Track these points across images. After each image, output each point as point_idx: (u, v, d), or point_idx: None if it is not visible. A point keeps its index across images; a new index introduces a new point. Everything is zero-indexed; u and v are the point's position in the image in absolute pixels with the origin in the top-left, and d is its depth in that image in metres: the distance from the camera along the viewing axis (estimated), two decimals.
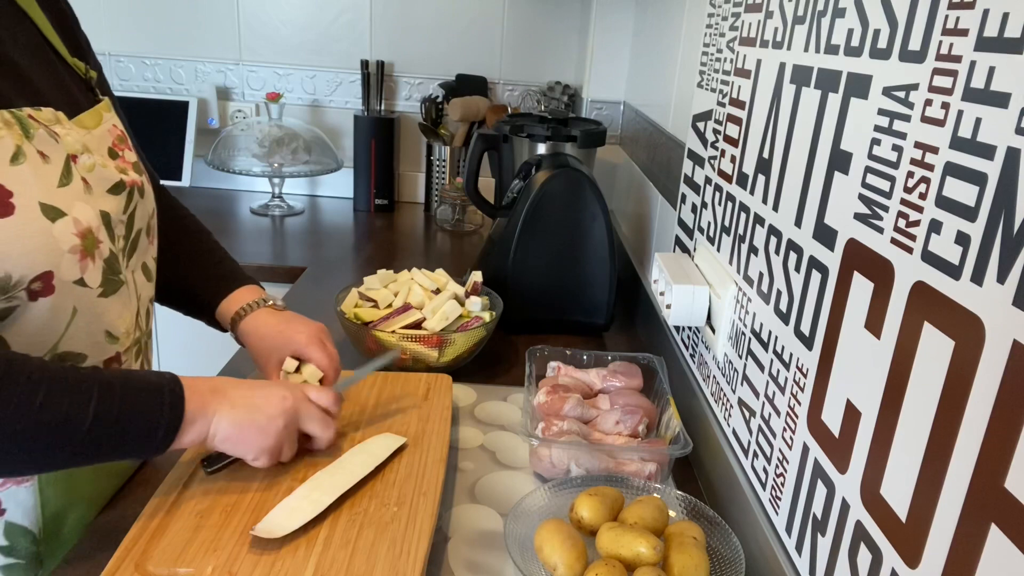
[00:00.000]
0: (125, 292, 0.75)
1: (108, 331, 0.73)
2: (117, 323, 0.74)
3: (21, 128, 0.64)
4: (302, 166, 2.03)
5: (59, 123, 0.69)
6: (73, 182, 0.67)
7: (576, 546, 0.68)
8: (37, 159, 0.64)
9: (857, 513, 0.55)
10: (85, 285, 0.69)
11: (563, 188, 1.27)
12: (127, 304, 0.76)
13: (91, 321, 0.70)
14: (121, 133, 0.79)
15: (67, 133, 0.69)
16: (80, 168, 0.69)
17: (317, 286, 1.52)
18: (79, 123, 0.72)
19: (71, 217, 0.66)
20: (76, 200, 0.67)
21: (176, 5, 2.06)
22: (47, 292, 0.65)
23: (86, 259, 0.68)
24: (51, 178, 0.65)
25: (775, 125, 0.77)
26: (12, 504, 0.71)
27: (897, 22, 0.54)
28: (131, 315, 0.77)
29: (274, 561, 0.67)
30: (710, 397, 0.95)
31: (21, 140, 0.64)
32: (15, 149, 0.63)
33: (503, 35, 2.09)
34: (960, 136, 0.46)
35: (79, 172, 0.69)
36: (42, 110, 0.68)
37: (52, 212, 0.64)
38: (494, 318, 1.14)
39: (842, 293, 0.60)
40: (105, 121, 0.77)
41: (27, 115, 0.65)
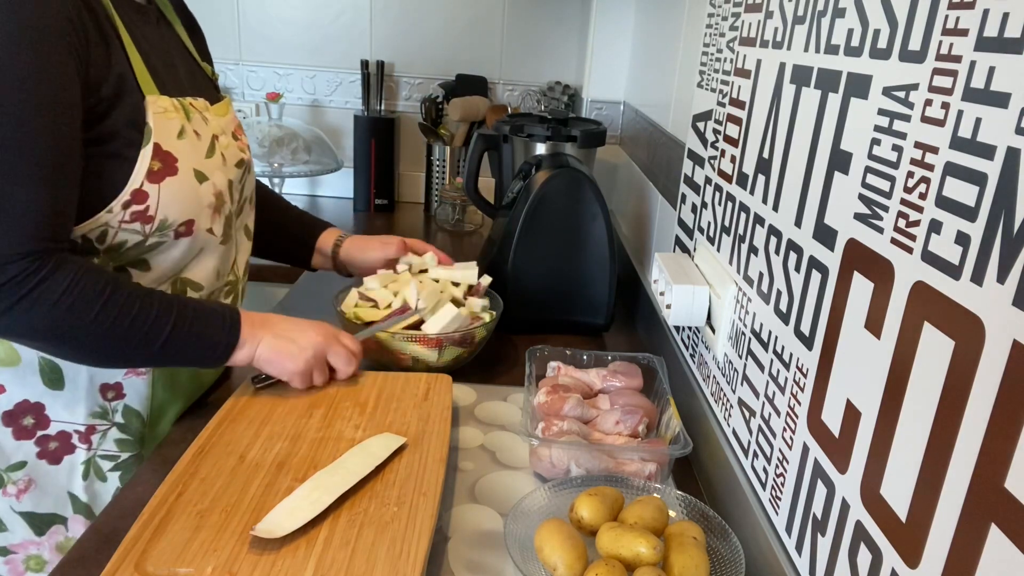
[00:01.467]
0: (233, 243, 0.99)
1: (219, 270, 0.96)
2: (226, 265, 0.98)
3: (184, 112, 0.86)
4: (302, 166, 2.03)
5: (207, 110, 0.92)
6: (216, 155, 0.90)
7: (576, 546, 0.68)
8: (193, 136, 0.87)
9: (857, 513, 0.55)
10: (212, 233, 0.91)
11: (563, 188, 1.27)
12: (231, 252, 0.99)
13: (211, 260, 0.93)
14: (239, 123, 1.02)
15: (212, 118, 0.92)
16: (220, 145, 0.92)
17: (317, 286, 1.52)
18: (216, 112, 0.94)
19: (211, 181, 0.88)
20: (216, 169, 0.90)
21: None
22: (187, 234, 0.87)
23: (216, 214, 0.90)
24: (201, 150, 0.88)
25: (775, 125, 0.77)
26: (131, 391, 0.92)
27: (897, 22, 0.54)
28: (233, 262, 1.01)
29: (274, 561, 0.67)
30: (710, 397, 0.95)
31: (184, 121, 0.86)
32: (180, 127, 0.85)
33: (503, 35, 2.09)
34: (960, 136, 0.46)
35: (219, 148, 0.91)
36: (197, 99, 0.90)
37: (200, 176, 0.87)
38: (494, 318, 1.14)
39: (842, 293, 0.60)
40: (230, 111, 1.00)
41: (188, 103, 0.88)
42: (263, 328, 0.90)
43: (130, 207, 0.81)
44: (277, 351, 0.90)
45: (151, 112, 0.82)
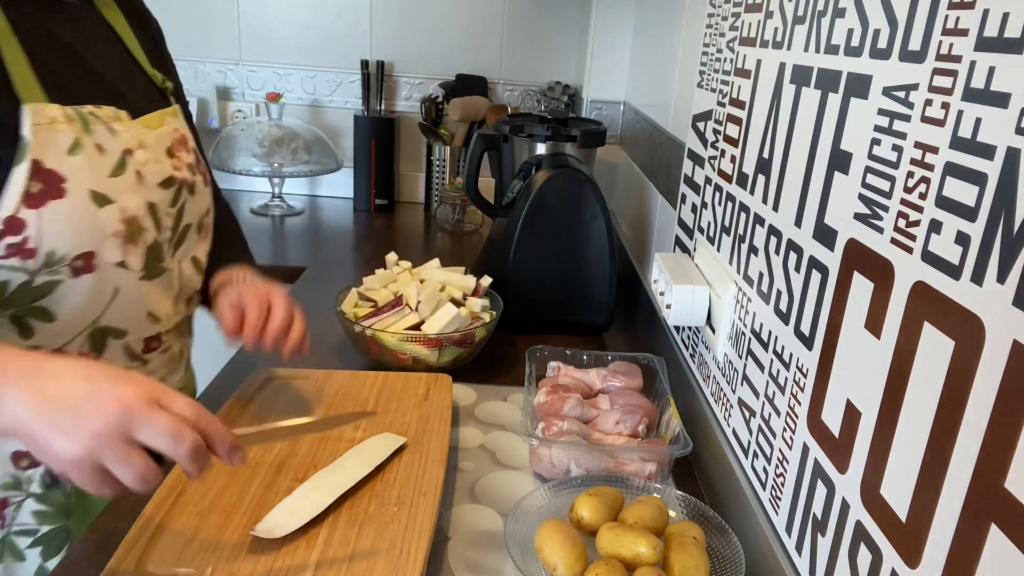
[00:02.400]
0: (168, 279, 0.84)
1: (150, 312, 0.82)
2: (158, 305, 0.83)
3: (82, 123, 0.72)
4: (302, 166, 2.03)
5: (118, 120, 0.77)
6: (126, 173, 0.76)
7: (576, 546, 0.68)
8: (93, 151, 0.73)
9: (857, 513, 0.55)
10: (127, 267, 0.76)
11: (563, 188, 1.27)
12: (168, 289, 0.84)
13: (134, 301, 0.79)
14: (181, 136, 0.87)
15: (125, 130, 0.77)
16: (135, 162, 0.77)
17: (317, 286, 1.52)
18: (143, 122, 0.81)
19: (118, 205, 0.74)
20: (125, 189, 0.75)
21: (176, 5, 2.06)
22: (88, 270, 0.72)
23: (128, 244, 0.76)
24: (104, 168, 0.74)
25: (775, 125, 0.77)
26: None
27: (897, 22, 0.54)
28: (172, 301, 0.86)
29: (274, 561, 0.67)
30: (710, 397, 0.95)
31: (80, 133, 0.72)
32: (73, 141, 0.71)
33: (503, 35, 2.09)
34: (960, 136, 0.46)
35: (134, 165, 0.77)
36: (103, 108, 0.76)
37: (100, 199, 0.72)
38: (494, 318, 1.14)
39: (842, 293, 0.60)
40: (167, 124, 0.85)
41: (88, 112, 0.74)
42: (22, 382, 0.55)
43: (3, 238, 0.67)
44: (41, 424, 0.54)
45: (29, 123, 0.68)
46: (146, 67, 0.89)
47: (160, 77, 0.90)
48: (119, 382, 0.57)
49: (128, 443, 0.55)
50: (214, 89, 2.12)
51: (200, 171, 0.89)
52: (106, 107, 0.76)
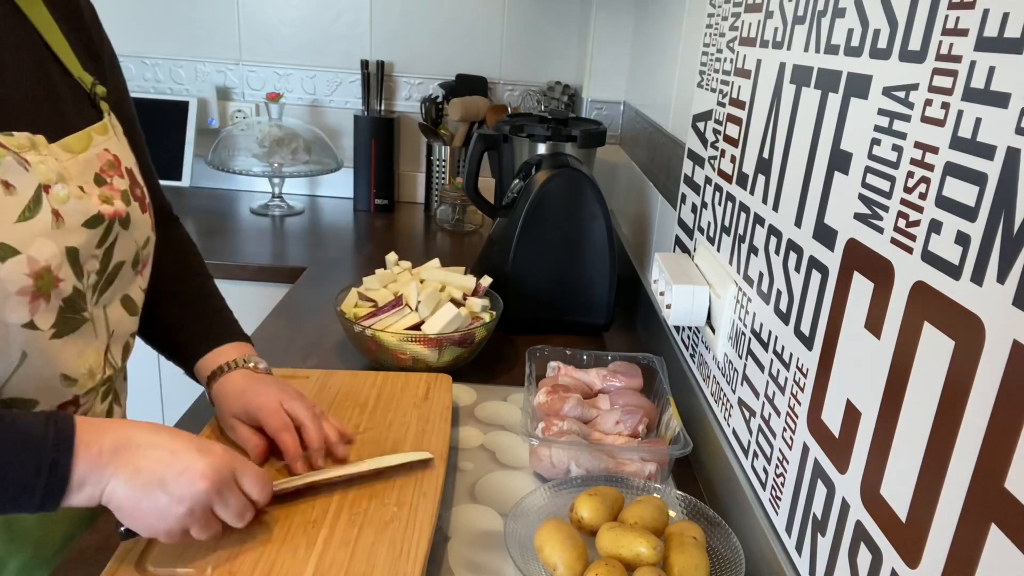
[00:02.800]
0: (88, 330, 0.70)
1: (64, 374, 0.68)
2: (75, 364, 0.69)
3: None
4: (302, 166, 2.03)
5: (34, 148, 0.64)
6: (39, 215, 0.62)
7: (576, 546, 0.68)
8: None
9: (857, 513, 0.55)
10: (35, 328, 0.64)
11: (563, 188, 1.27)
12: (89, 343, 0.70)
13: (42, 365, 0.66)
14: (113, 158, 0.72)
15: (42, 160, 0.64)
16: (53, 199, 0.64)
17: (317, 286, 1.52)
18: (65, 146, 0.67)
19: (25, 256, 0.61)
20: (38, 236, 0.62)
21: (176, 5, 2.06)
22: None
23: (38, 300, 0.63)
24: (11, 212, 0.61)
25: (775, 125, 0.77)
26: None
27: (897, 22, 0.54)
28: (96, 353, 0.72)
29: (274, 561, 0.67)
30: (710, 397, 0.95)
31: None
32: None
33: (503, 35, 2.09)
34: (960, 136, 0.46)
35: (51, 203, 0.63)
36: (14, 135, 0.63)
37: (2, 251, 0.60)
38: (494, 318, 1.14)
39: (842, 293, 0.60)
40: (95, 144, 0.71)
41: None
42: (115, 459, 0.60)
43: None
44: (135, 500, 0.60)
45: None
46: (74, 70, 0.73)
47: (90, 81, 0.74)
48: (202, 455, 0.64)
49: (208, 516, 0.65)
50: (214, 89, 2.12)
51: (136, 196, 0.74)
52: (18, 134, 0.63)
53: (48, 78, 0.70)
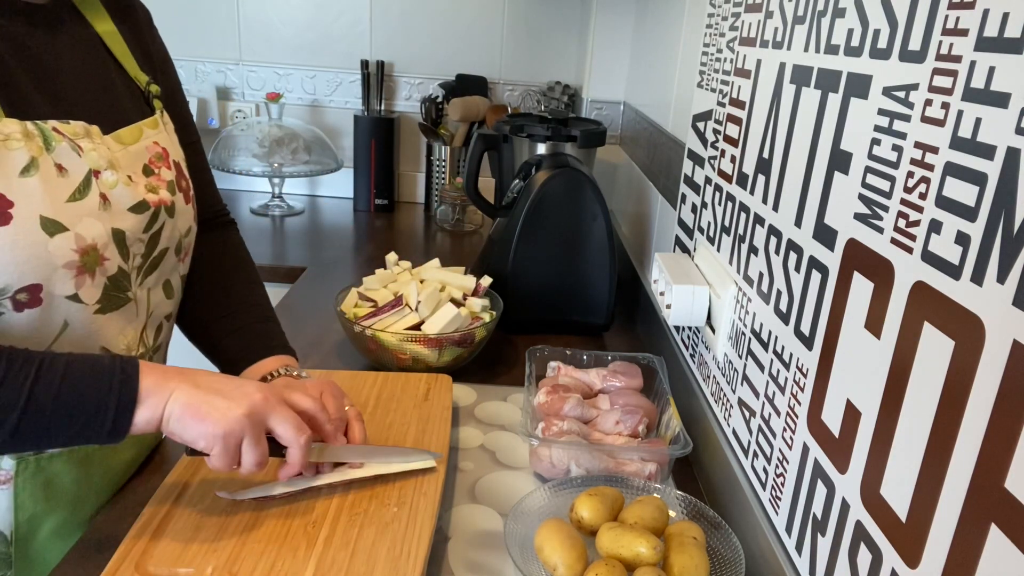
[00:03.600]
0: (131, 309, 0.76)
1: (104, 347, 0.73)
2: (115, 339, 0.75)
3: (43, 140, 0.66)
4: (302, 166, 2.03)
5: (88, 137, 0.70)
6: (88, 197, 0.68)
7: (576, 546, 0.68)
8: (52, 172, 0.65)
9: (857, 513, 0.55)
10: (79, 301, 0.69)
11: (563, 188, 1.27)
12: (130, 321, 0.76)
13: (85, 336, 0.71)
14: (161, 151, 0.79)
15: (94, 148, 0.70)
16: (102, 184, 0.70)
17: (317, 286, 1.52)
18: (117, 138, 0.74)
19: (73, 233, 0.66)
20: (86, 216, 0.68)
21: (176, 5, 2.06)
22: (33, 304, 0.66)
23: (83, 275, 0.68)
24: (62, 192, 0.66)
25: (775, 125, 0.77)
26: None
27: (897, 22, 0.54)
28: (135, 331, 0.77)
29: (274, 561, 0.67)
30: (710, 397, 0.95)
31: (40, 152, 0.65)
32: (28, 161, 0.64)
33: (503, 35, 2.09)
34: (960, 136, 0.46)
35: (99, 187, 0.69)
36: (70, 123, 0.69)
37: (52, 226, 0.65)
38: (494, 318, 1.14)
39: (842, 293, 0.60)
40: (145, 137, 0.77)
41: (51, 128, 0.67)
42: (177, 377, 0.66)
43: None
44: (194, 405, 0.65)
45: None
46: (130, 70, 0.81)
47: (145, 80, 0.82)
48: (251, 383, 0.70)
49: (260, 425, 0.68)
50: (214, 89, 2.12)
51: (181, 187, 0.81)
52: (74, 122, 0.69)
53: (107, 76, 0.77)
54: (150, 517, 0.71)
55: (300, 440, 0.70)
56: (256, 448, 0.67)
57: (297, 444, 0.70)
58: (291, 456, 0.71)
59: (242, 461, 0.68)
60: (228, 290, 0.93)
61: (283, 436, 0.70)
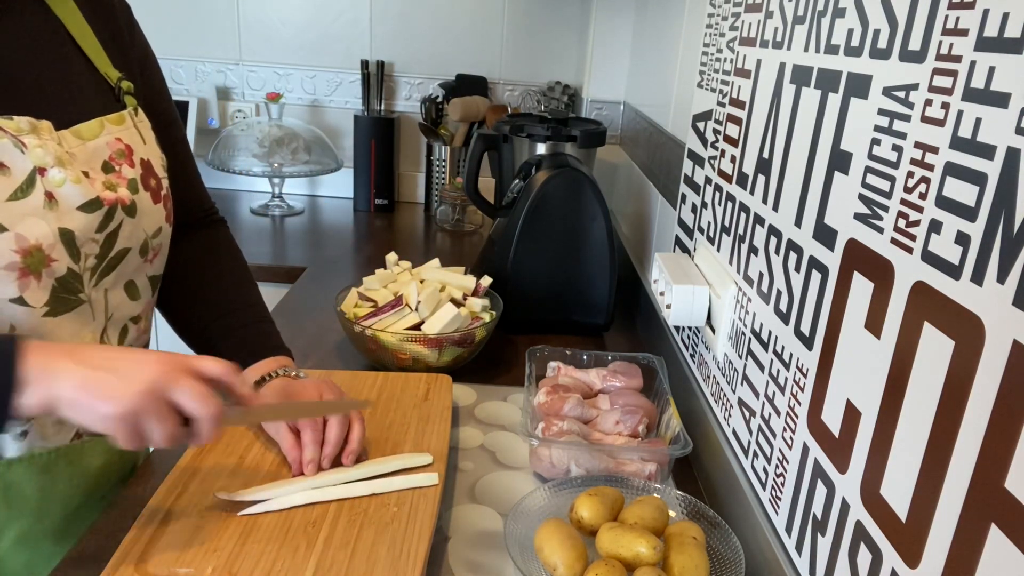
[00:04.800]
0: (85, 311, 0.72)
1: None
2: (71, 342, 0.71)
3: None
4: (302, 166, 2.03)
5: (34, 133, 0.67)
6: (31, 196, 0.65)
7: (576, 546, 0.68)
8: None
9: (857, 513, 0.55)
10: (25, 304, 0.66)
11: (563, 188, 1.27)
12: (85, 324, 0.73)
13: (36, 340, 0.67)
14: (124, 148, 0.75)
15: (40, 144, 0.67)
16: (47, 182, 0.66)
17: (317, 286, 1.52)
18: (75, 133, 0.71)
19: (13, 233, 0.64)
20: (29, 215, 0.65)
21: (176, 5, 2.06)
22: None
23: (27, 276, 0.66)
24: (2, 191, 0.64)
25: (775, 125, 0.77)
26: None
27: (897, 22, 0.54)
28: (92, 335, 0.74)
29: (274, 561, 0.67)
30: (710, 397, 0.95)
31: None
32: None
33: (503, 35, 2.09)
34: (960, 136, 0.46)
35: (45, 185, 0.66)
36: (14, 119, 0.66)
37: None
38: (494, 318, 1.14)
39: (842, 293, 0.60)
40: (106, 132, 0.74)
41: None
42: (66, 357, 0.61)
43: None
44: (85, 386, 0.60)
45: None
46: (100, 66, 0.77)
47: (116, 76, 0.78)
48: (152, 353, 0.64)
49: (162, 401, 0.62)
50: (214, 89, 2.12)
51: (149, 186, 0.77)
52: (19, 118, 0.66)
53: (67, 69, 0.74)
54: (150, 517, 0.71)
55: (207, 411, 0.63)
56: (159, 425, 0.62)
57: (205, 416, 0.64)
58: (199, 427, 0.64)
59: (148, 439, 0.63)
60: (223, 291, 0.92)
61: (189, 408, 0.63)
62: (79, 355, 0.61)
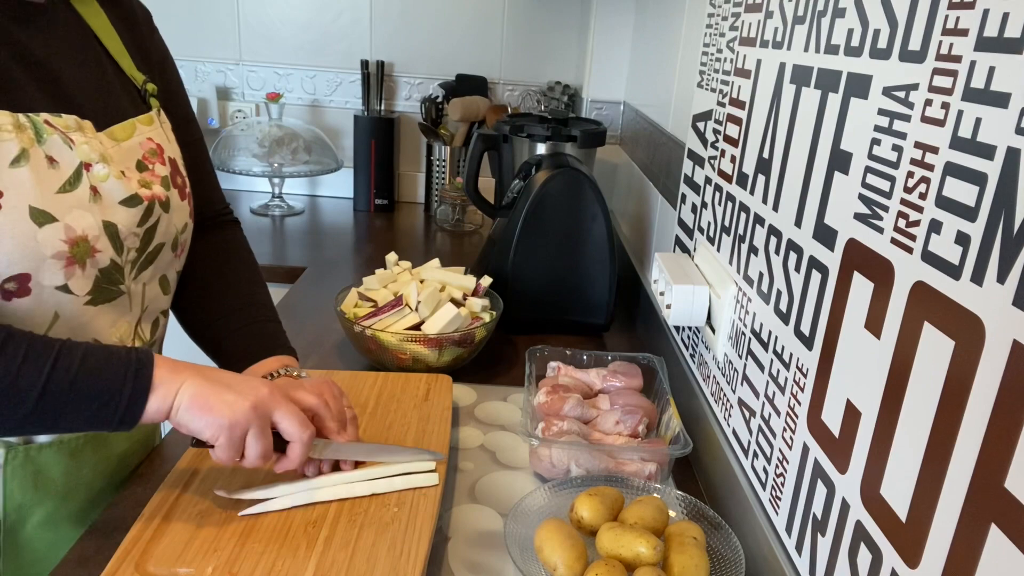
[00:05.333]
0: (123, 302, 0.76)
1: (95, 338, 0.74)
2: (107, 332, 0.75)
3: (34, 132, 0.66)
4: (302, 166, 2.03)
5: (79, 131, 0.71)
6: (79, 189, 0.69)
7: (576, 546, 0.68)
8: (42, 163, 0.66)
9: (857, 513, 0.55)
10: (69, 292, 0.70)
11: (563, 188, 1.27)
12: (122, 314, 0.77)
13: (77, 327, 0.72)
14: (156, 147, 0.79)
15: (85, 142, 0.71)
16: (92, 177, 0.70)
17: (317, 286, 1.52)
18: (110, 134, 0.75)
19: (63, 224, 0.67)
20: (76, 207, 0.68)
21: (176, 5, 2.06)
22: (22, 293, 0.67)
23: (73, 266, 0.69)
24: (52, 183, 0.67)
25: (775, 125, 0.77)
26: None
27: (897, 22, 0.54)
28: (128, 325, 0.78)
29: (274, 561, 0.67)
30: (710, 397, 0.95)
31: (31, 144, 0.66)
32: (19, 152, 0.65)
33: (503, 35, 2.09)
34: (960, 136, 0.46)
35: (90, 180, 0.70)
36: (62, 116, 0.70)
37: (41, 217, 0.66)
38: (494, 318, 1.14)
39: (842, 293, 0.60)
40: (139, 133, 0.78)
41: (43, 120, 0.68)
42: (189, 370, 0.68)
43: None
44: (203, 395, 0.67)
45: None
46: (126, 68, 0.81)
47: (141, 79, 0.82)
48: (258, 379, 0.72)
49: (268, 421, 0.70)
50: (214, 89, 2.12)
51: (177, 184, 0.81)
52: (67, 116, 0.70)
53: (102, 74, 0.78)
54: (150, 517, 0.71)
55: (303, 436, 0.72)
56: (260, 440, 0.69)
57: (300, 439, 0.72)
58: (292, 451, 0.72)
59: (246, 453, 0.69)
60: (232, 289, 0.94)
61: (287, 431, 0.71)
62: (200, 370, 0.69)
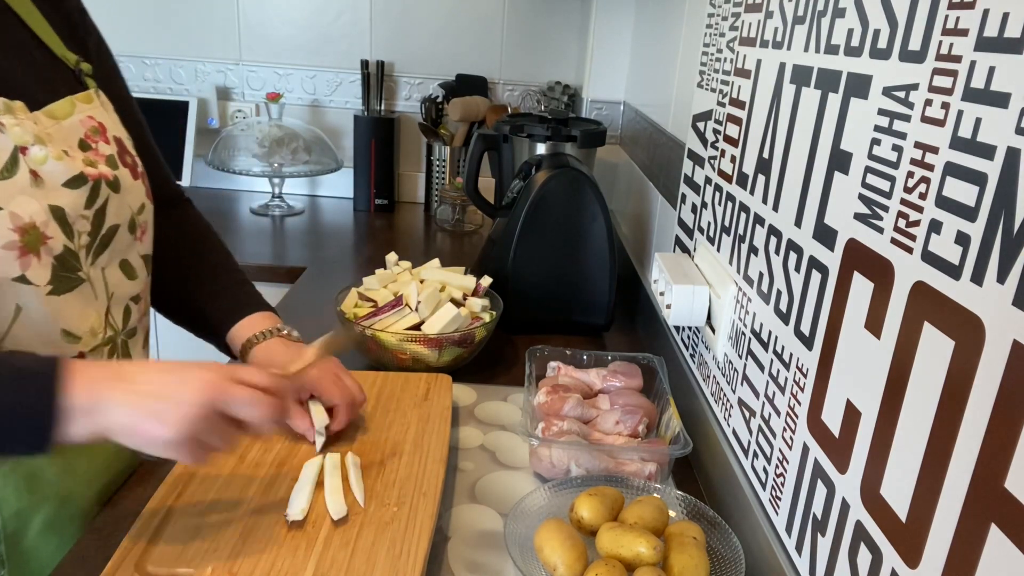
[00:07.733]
0: (87, 290, 0.73)
1: (65, 330, 0.71)
2: (77, 322, 0.72)
3: None
4: (302, 166, 2.03)
5: (9, 113, 0.67)
6: (17, 175, 0.65)
7: (576, 546, 0.68)
8: None
9: (857, 513, 0.55)
10: (28, 282, 0.66)
11: (563, 188, 1.27)
12: (89, 303, 0.73)
13: (41, 320, 0.69)
14: (97, 125, 0.75)
15: (18, 124, 0.67)
16: (30, 160, 0.66)
17: (317, 286, 1.52)
18: (48, 113, 0.71)
19: (7, 212, 0.64)
20: (18, 193, 0.65)
21: (176, 5, 2.06)
22: None
23: (28, 255, 0.66)
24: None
25: (775, 125, 0.77)
26: None
27: (897, 22, 0.54)
28: (97, 314, 0.75)
29: (274, 561, 0.67)
30: (710, 397, 0.95)
31: None
32: None
33: (503, 35, 2.09)
34: (960, 136, 0.46)
35: (28, 164, 0.66)
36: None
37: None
38: (494, 318, 1.14)
39: (842, 293, 0.60)
40: (78, 111, 0.74)
41: None
42: (113, 383, 0.62)
43: None
44: (136, 415, 0.61)
45: None
46: (57, 51, 0.77)
47: (74, 59, 0.78)
48: (195, 368, 0.65)
49: (216, 415, 0.64)
50: (214, 89, 2.12)
51: (126, 163, 0.78)
52: None
53: (29, 57, 0.74)
54: (150, 517, 0.71)
55: (259, 415, 0.66)
56: (220, 436, 0.65)
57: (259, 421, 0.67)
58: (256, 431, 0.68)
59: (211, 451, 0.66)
60: (205, 260, 0.94)
61: (243, 416, 0.66)
62: (126, 378, 0.62)
